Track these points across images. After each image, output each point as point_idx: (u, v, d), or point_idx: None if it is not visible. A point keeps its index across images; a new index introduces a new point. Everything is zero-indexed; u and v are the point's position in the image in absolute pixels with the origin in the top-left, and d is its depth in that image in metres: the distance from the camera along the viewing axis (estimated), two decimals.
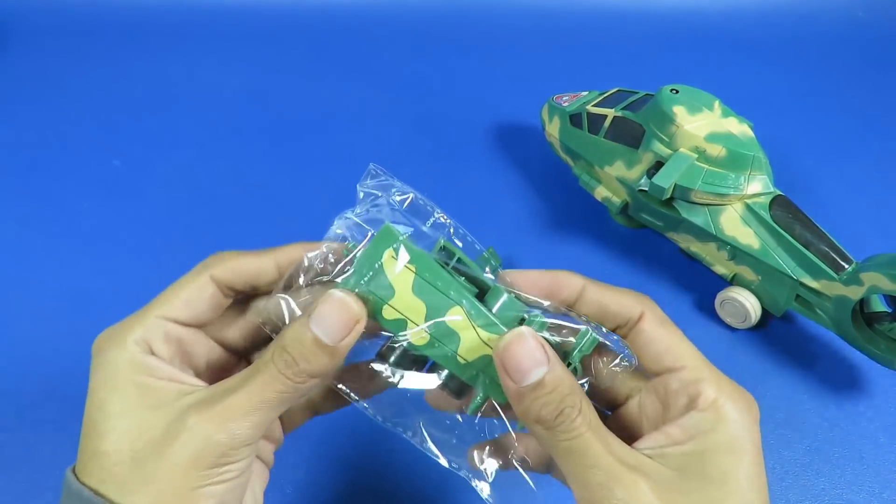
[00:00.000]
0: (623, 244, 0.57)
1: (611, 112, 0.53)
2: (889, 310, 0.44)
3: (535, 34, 0.81)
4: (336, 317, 0.24)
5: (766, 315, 0.50)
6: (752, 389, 0.48)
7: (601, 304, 0.27)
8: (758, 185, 0.47)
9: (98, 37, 0.78)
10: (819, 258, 0.44)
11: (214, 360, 0.28)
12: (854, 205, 0.61)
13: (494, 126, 0.68)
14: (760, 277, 0.48)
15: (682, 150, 0.47)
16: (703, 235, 0.49)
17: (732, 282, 0.50)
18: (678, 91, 0.49)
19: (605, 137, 0.53)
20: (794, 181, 0.61)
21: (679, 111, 0.48)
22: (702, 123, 0.47)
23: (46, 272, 0.54)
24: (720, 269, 0.50)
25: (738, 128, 0.48)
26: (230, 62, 0.76)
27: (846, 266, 0.44)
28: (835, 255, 0.44)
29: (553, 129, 0.58)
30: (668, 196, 0.47)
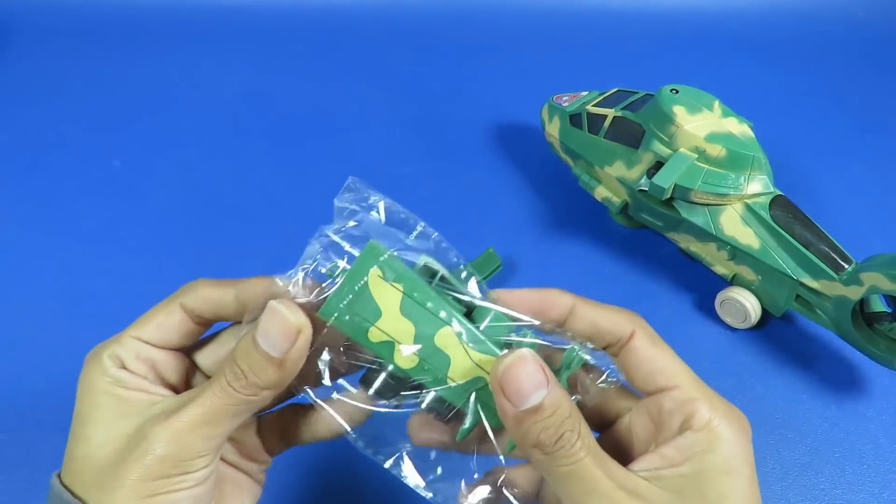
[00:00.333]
0: (623, 244, 0.57)
1: (611, 112, 0.53)
2: (889, 310, 0.44)
3: (535, 34, 0.81)
4: (277, 329, 0.24)
5: (766, 315, 0.50)
6: (752, 389, 0.47)
7: (592, 323, 0.26)
8: (758, 185, 0.47)
9: (98, 37, 0.78)
10: (819, 258, 0.44)
11: (197, 384, 0.28)
12: (854, 205, 0.61)
13: (494, 126, 0.68)
14: (760, 277, 0.48)
15: (682, 150, 0.47)
16: (703, 235, 0.49)
17: (732, 282, 0.50)
18: (678, 91, 0.49)
19: (605, 137, 0.53)
20: (794, 181, 0.61)
21: (679, 111, 0.48)
22: (702, 123, 0.47)
23: (46, 272, 0.54)
24: (720, 269, 0.50)
25: (738, 128, 0.48)
26: (230, 62, 0.76)
27: (846, 266, 0.44)
28: (835, 255, 0.44)
29: (553, 129, 0.58)
30: (668, 196, 0.47)
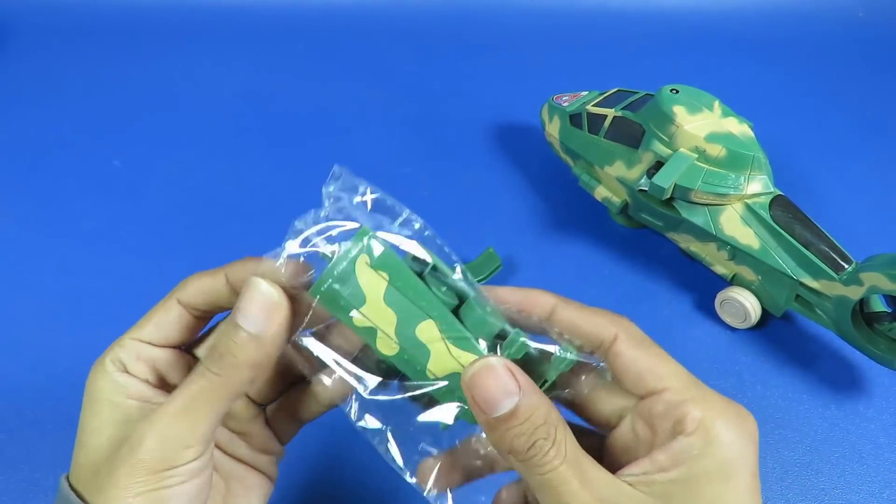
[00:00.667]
0: (623, 244, 0.57)
1: (611, 112, 0.53)
2: (889, 310, 0.44)
3: (535, 34, 0.81)
4: (255, 305, 0.24)
5: (766, 315, 0.50)
6: (752, 389, 0.47)
7: (572, 325, 0.26)
8: (758, 185, 0.47)
9: (98, 37, 0.78)
10: (819, 258, 0.44)
11: None
12: (854, 205, 0.61)
13: (494, 126, 0.68)
14: (760, 277, 0.48)
15: (682, 150, 0.47)
16: (703, 235, 0.49)
17: (732, 282, 0.50)
18: (678, 91, 0.49)
19: (605, 137, 0.53)
20: (794, 181, 0.60)
21: (679, 111, 0.48)
22: (702, 123, 0.47)
23: (46, 272, 0.54)
24: (720, 269, 0.50)
25: (738, 128, 0.48)
26: (230, 62, 0.76)
27: (846, 266, 0.44)
28: (835, 255, 0.44)
29: (553, 129, 0.58)
30: (668, 196, 0.47)
